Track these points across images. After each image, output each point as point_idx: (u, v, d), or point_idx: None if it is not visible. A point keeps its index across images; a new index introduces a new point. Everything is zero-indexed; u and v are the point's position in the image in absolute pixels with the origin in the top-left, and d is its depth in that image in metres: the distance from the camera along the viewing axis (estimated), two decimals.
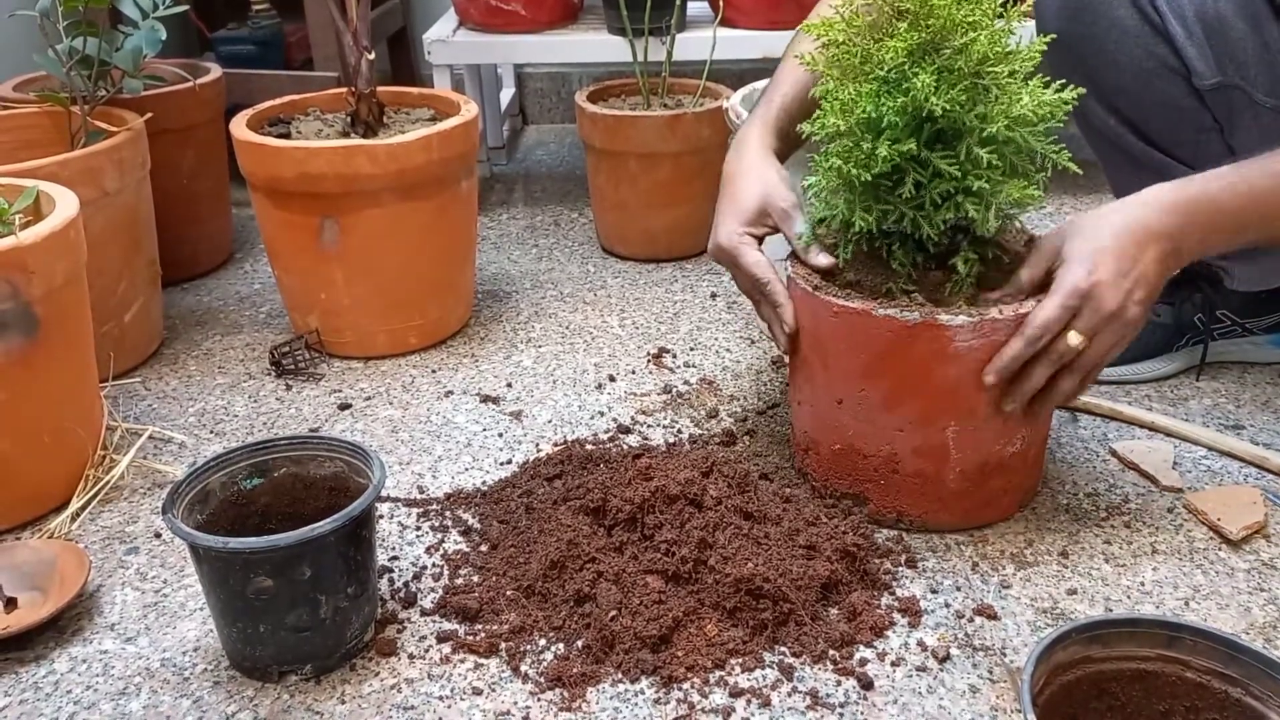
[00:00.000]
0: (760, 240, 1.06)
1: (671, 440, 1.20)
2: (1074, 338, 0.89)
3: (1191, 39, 1.05)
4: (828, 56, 0.95)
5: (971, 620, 0.92)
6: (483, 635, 0.91)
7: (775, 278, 1.03)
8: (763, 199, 1.05)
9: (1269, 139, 1.09)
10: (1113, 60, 1.09)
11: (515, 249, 1.79)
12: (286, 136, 1.41)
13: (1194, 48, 1.06)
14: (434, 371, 1.39)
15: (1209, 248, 0.93)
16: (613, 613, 0.89)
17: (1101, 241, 0.90)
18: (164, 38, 1.36)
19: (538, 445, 1.20)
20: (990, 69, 0.89)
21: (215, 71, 1.68)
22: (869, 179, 0.91)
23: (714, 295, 1.58)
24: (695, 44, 1.74)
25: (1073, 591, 0.95)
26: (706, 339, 1.45)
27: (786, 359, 1.09)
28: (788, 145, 1.11)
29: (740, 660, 0.88)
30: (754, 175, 1.07)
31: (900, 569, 0.98)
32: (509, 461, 1.18)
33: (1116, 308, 0.88)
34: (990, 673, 0.87)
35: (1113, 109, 1.14)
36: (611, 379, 1.35)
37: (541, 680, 0.87)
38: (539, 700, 0.85)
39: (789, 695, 0.85)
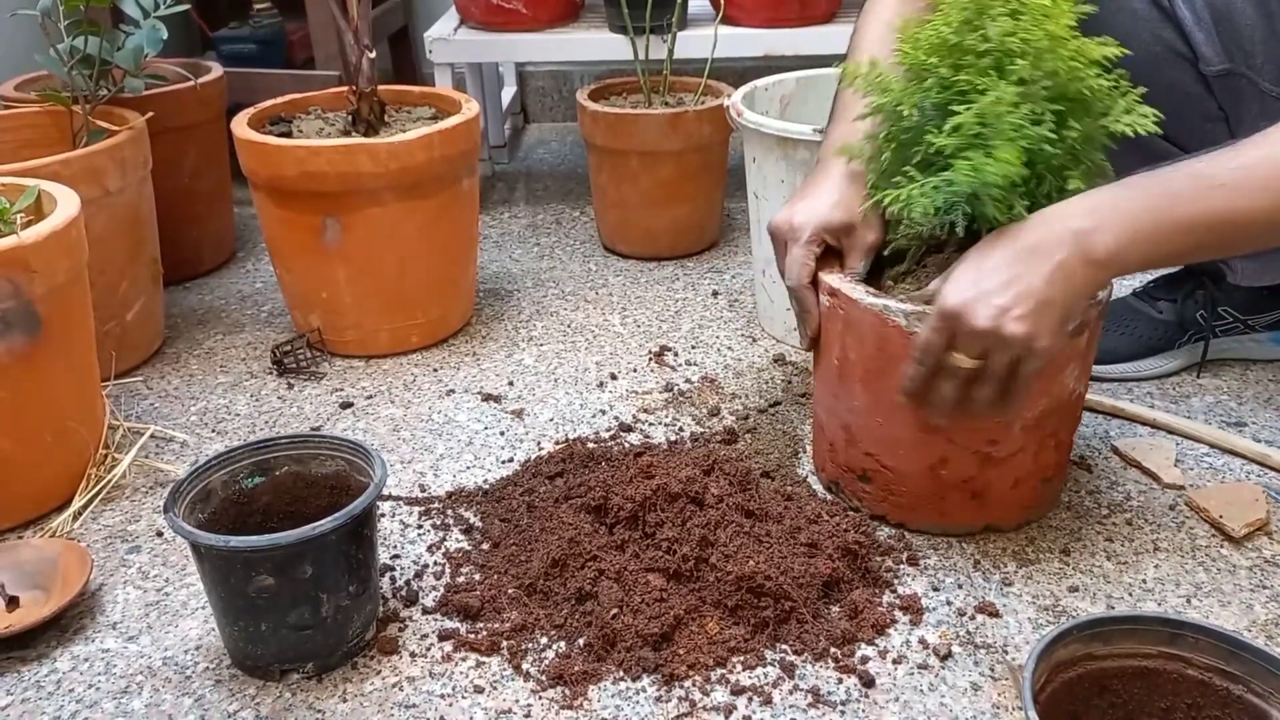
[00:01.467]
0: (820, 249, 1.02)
1: (673, 438, 1.20)
2: (961, 359, 0.87)
3: (1200, 24, 1.05)
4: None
5: (973, 618, 0.92)
6: (484, 633, 0.91)
7: (809, 288, 1.01)
8: (846, 220, 1.00)
9: None
10: (1121, 42, 1.09)
11: (517, 247, 1.79)
12: (288, 135, 1.41)
13: (1202, 33, 1.05)
14: (435, 370, 1.39)
15: (1123, 253, 0.86)
16: (614, 611, 0.89)
17: (982, 259, 0.87)
18: (165, 37, 1.36)
19: (539, 443, 1.20)
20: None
21: (217, 70, 1.68)
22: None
23: (715, 293, 1.58)
24: (697, 42, 1.74)
25: (1074, 589, 0.95)
26: (708, 337, 1.45)
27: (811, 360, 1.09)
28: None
29: (742, 658, 0.88)
30: (843, 189, 1.02)
31: (902, 567, 0.98)
32: (510, 460, 1.18)
33: (986, 328, 0.84)
34: (992, 670, 0.87)
35: None
36: (613, 377, 1.35)
37: (543, 678, 0.87)
38: (540, 698, 0.85)
39: (790, 693, 0.85)
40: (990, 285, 0.86)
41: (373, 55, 1.39)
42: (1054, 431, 0.99)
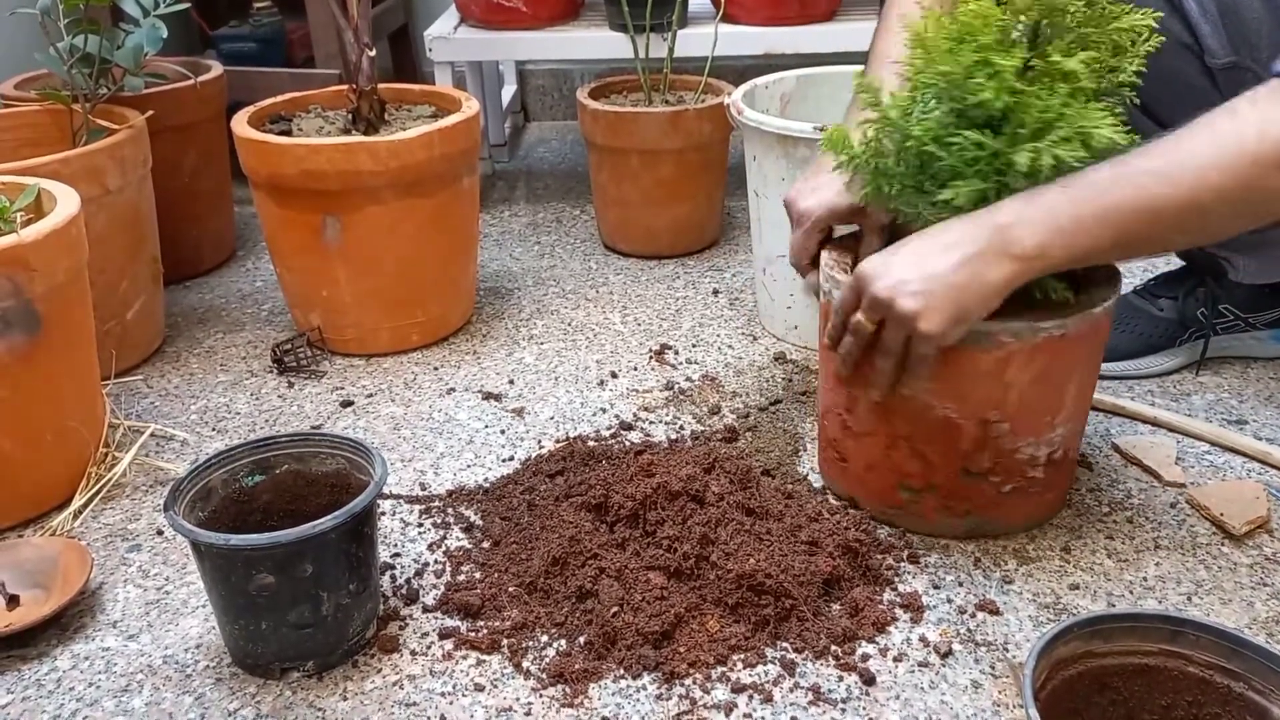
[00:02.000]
0: (824, 232, 1.07)
1: (673, 436, 1.20)
2: (859, 315, 0.92)
3: (1206, 16, 1.05)
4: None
5: (974, 615, 0.92)
6: (485, 632, 0.91)
7: (811, 269, 1.06)
8: (854, 203, 1.03)
9: None
10: None
11: (517, 246, 1.79)
12: (288, 134, 1.41)
13: (1208, 25, 1.05)
14: (436, 369, 1.39)
15: (1047, 248, 0.85)
16: (615, 609, 0.89)
17: (906, 242, 0.91)
18: (165, 35, 1.36)
19: (540, 442, 1.20)
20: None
21: (217, 69, 1.68)
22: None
23: (716, 292, 1.58)
24: (697, 40, 1.74)
25: (1075, 587, 0.95)
26: (708, 335, 1.45)
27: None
28: None
29: (742, 656, 0.88)
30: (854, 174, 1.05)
31: (902, 565, 0.98)
32: (511, 458, 1.18)
33: (883, 296, 0.88)
34: (992, 668, 0.87)
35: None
36: (613, 375, 1.35)
37: (544, 676, 0.87)
38: (541, 696, 0.85)
39: (791, 691, 0.85)
40: (899, 261, 0.90)
41: (373, 54, 1.39)
42: (909, 437, 0.97)
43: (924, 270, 0.88)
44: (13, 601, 0.95)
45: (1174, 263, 1.38)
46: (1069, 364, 0.94)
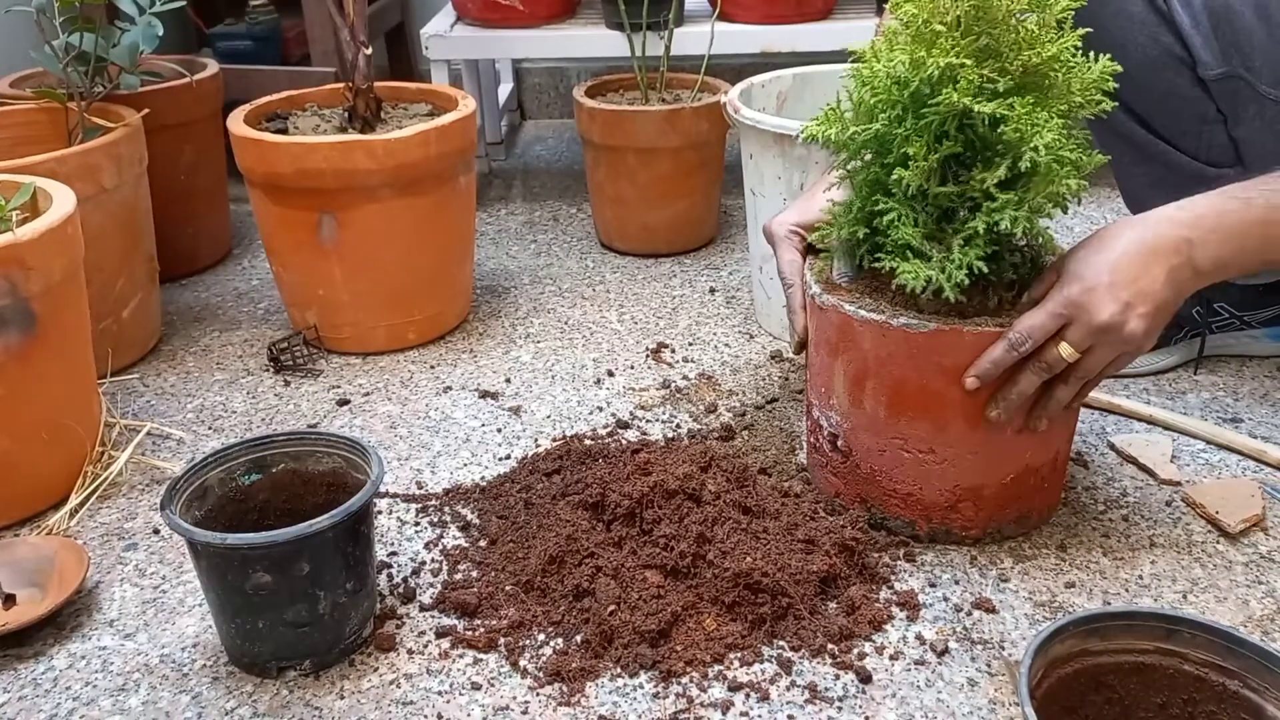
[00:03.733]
0: (806, 243, 1.05)
1: (670, 435, 1.20)
2: (1065, 349, 0.87)
3: (1198, 28, 1.05)
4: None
5: (970, 614, 0.92)
6: (482, 630, 0.91)
7: (798, 283, 1.04)
8: (818, 218, 1.04)
9: (1273, 132, 1.08)
10: (1119, 46, 1.09)
11: (514, 244, 1.79)
12: (284, 132, 1.41)
13: (1200, 36, 1.05)
14: (432, 367, 1.39)
15: (1226, 263, 0.88)
16: (611, 607, 0.89)
17: (1103, 256, 0.88)
18: (161, 34, 1.36)
19: (536, 440, 1.20)
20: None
21: (213, 67, 1.68)
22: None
23: (713, 290, 1.58)
24: (693, 39, 1.74)
25: (1071, 585, 0.95)
26: (705, 334, 1.45)
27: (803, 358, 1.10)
28: None
29: (739, 654, 0.88)
30: (819, 193, 1.06)
31: (899, 563, 0.98)
32: (508, 457, 1.18)
33: (1110, 321, 0.85)
34: (988, 666, 0.87)
35: (1117, 96, 1.14)
36: (610, 374, 1.35)
37: (540, 675, 0.87)
38: (538, 695, 0.85)
39: (788, 689, 0.85)
40: (1118, 279, 0.86)
41: (369, 52, 1.39)
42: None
43: (1142, 288, 0.85)
44: (9, 600, 0.95)
45: None
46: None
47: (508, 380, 1.34)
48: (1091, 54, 0.92)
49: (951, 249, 0.89)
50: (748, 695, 0.84)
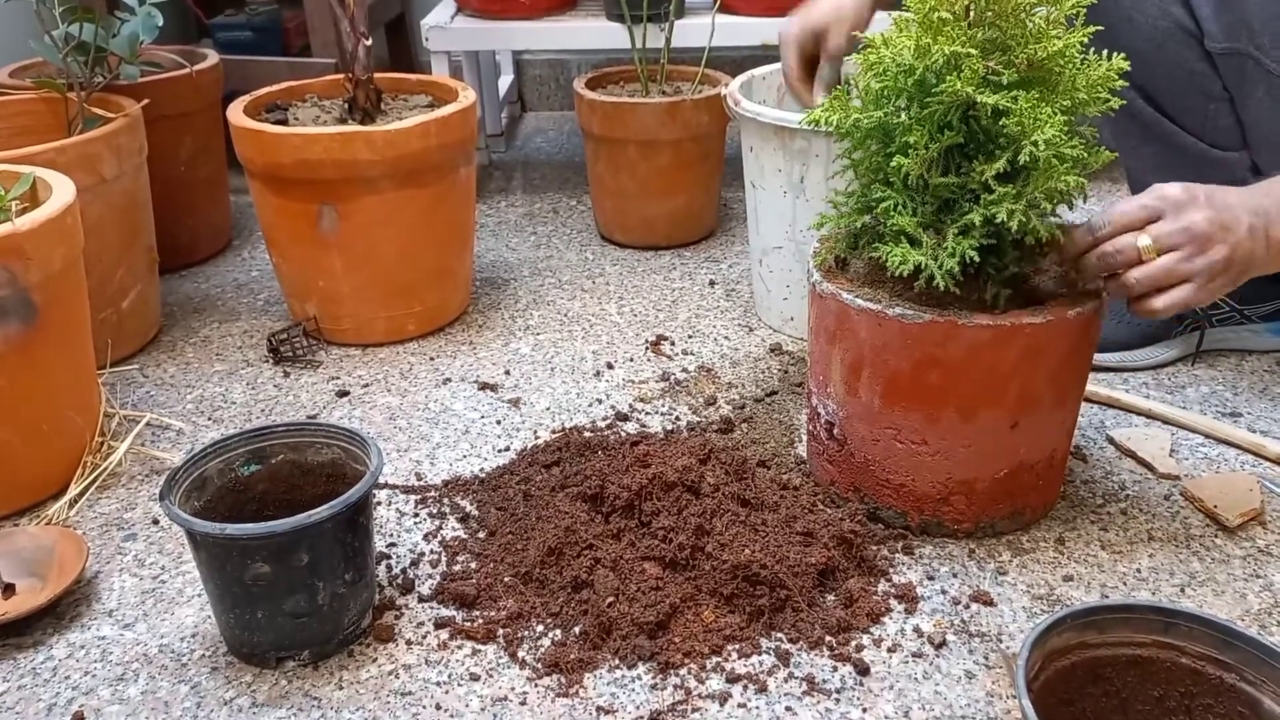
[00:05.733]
0: (805, 51, 1.22)
1: (669, 427, 1.20)
2: (1144, 240, 0.86)
3: (1207, 0, 1.05)
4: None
5: (968, 606, 0.92)
6: (480, 621, 0.92)
7: (799, 83, 1.22)
8: (826, 26, 1.19)
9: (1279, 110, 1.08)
10: (1128, 18, 1.09)
11: (513, 236, 1.79)
12: (284, 123, 1.40)
13: (1209, 7, 1.05)
14: (432, 359, 1.39)
15: None
16: (610, 599, 0.90)
17: (1191, 185, 0.87)
18: (161, 24, 1.36)
19: (535, 432, 1.21)
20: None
21: (213, 58, 1.68)
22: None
23: (712, 283, 1.58)
24: (694, 30, 1.73)
25: (1069, 578, 0.95)
26: (705, 326, 1.45)
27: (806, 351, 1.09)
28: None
29: (737, 646, 0.88)
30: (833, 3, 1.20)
31: (897, 556, 0.98)
32: (507, 448, 1.18)
33: (1203, 230, 0.84)
34: (986, 659, 0.87)
35: (1125, 75, 1.14)
36: (609, 366, 1.35)
37: (539, 666, 0.87)
38: (536, 686, 0.85)
39: (786, 681, 0.85)
40: (1214, 203, 0.85)
41: (369, 43, 1.39)
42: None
43: (1228, 220, 0.85)
44: (8, 590, 0.95)
45: None
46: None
47: (507, 372, 1.34)
48: (1102, 30, 0.92)
49: (946, 238, 0.89)
50: (746, 687, 0.84)
